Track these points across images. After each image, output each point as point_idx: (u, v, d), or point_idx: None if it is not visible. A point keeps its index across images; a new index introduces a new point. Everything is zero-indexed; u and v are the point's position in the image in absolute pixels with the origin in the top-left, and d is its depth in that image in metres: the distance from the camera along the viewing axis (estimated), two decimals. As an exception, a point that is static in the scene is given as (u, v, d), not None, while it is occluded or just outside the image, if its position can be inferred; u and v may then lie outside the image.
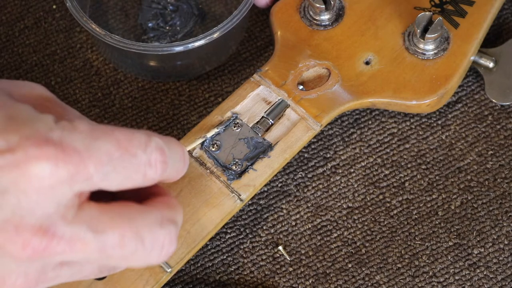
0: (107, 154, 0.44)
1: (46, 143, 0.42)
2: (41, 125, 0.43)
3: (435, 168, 0.64)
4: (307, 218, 0.63)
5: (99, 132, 0.44)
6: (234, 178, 0.58)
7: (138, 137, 0.45)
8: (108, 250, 0.45)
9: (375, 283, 0.60)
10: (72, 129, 0.44)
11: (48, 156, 0.42)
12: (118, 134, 0.45)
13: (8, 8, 0.70)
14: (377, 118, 0.66)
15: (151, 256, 0.47)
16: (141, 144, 0.45)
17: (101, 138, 0.44)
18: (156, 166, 0.46)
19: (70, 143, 0.43)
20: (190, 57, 0.65)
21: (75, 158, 0.43)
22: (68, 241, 0.44)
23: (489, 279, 0.60)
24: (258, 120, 0.60)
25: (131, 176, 0.45)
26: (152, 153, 0.46)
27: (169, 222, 0.47)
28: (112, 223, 0.45)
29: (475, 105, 0.66)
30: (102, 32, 0.62)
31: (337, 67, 0.63)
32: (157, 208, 0.47)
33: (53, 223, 0.43)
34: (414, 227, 0.62)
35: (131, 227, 0.45)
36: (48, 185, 0.42)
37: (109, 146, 0.44)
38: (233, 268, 0.61)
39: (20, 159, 0.42)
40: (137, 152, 0.45)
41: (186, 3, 0.69)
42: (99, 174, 0.44)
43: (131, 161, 0.45)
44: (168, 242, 0.47)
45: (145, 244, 0.46)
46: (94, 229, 0.44)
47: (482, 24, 0.64)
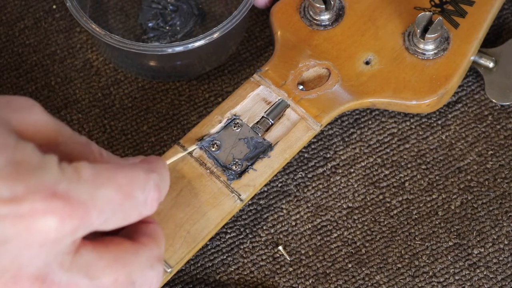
0: (109, 201, 0.44)
1: (53, 197, 0.42)
2: (47, 175, 0.42)
3: (435, 168, 0.64)
4: (307, 218, 0.63)
5: (102, 179, 0.44)
6: (234, 178, 0.58)
7: (137, 178, 0.45)
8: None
9: (375, 283, 0.60)
10: (77, 178, 0.43)
11: (55, 211, 0.41)
12: (120, 178, 0.44)
13: (8, 8, 0.70)
14: (377, 118, 0.66)
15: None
16: (141, 185, 0.45)
17: (104, 185, 0.44)
18: (152, 204, 0.46)
19: (76, 195, 0.42)
20: (190, 57, 0.65)
21: (80, 211, 0.42)
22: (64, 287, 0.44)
23: (489, 279, 0.60)
24: (258, 120, 0.60)
25: (128, 217, 0.45)
26: (150, 193, 0.46)
27: (158, 261, 0.48)
28: (108, 269, 0.45)
29: (475, 105, 0.66)
30: (102, 32, 0.62)
31: (337, 67, 0.63)
32: (148, 248, 0.47)
33: (51, 271, 0.43)
34: (414, 227, 0.62)
35: (124, 271, 0.46)
36: (53, 239, 0.42)
37: (112, 192, 0.44)
38: (233, 268, 0.61)
39: (25, 212, 0.41)
40: (137, 194, 0.45)
41: (186, 3, 0.69)
42: (100, 220, 0.44)
43: (130, 204, 0.45)
44: (156, 281, 0.48)
45: (135, 286, 0.46)
46: (90, 275, 0.44)
47: (482, 24, 0.64)
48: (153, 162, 0.48)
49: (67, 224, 0.42)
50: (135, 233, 0.48)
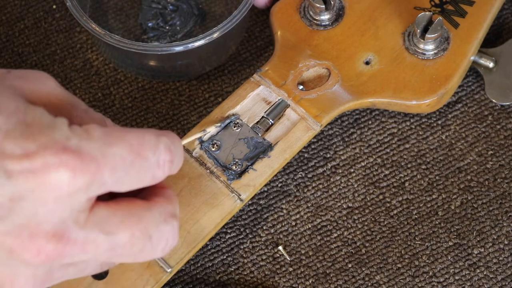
0: (121, 159, 0.44)
1: (64, 151, 0.42)
2: (57, 133, 0.43)
3: (435, 168, 0.64)
4: (307, 218, 0.63)
5: (113, 138, 0.44)
6: (234, 178, 0.58)
7: (148, 139, 0.46)
8: (118, 250, 0.45)
9: (375, 283, 0.60)
10: (87, 136, 0.44)
11: (67, 164, 0.42)
12: (130, 138, 0.45)
13: (8, 8, 0.70)
14: (377, 118, 0.66)
15: (156, 251, 0.47)
16: (151, 146, 0.46)
17: (115, 144, 0.44)
18: (165, 166, 0.47)
19: (87, 151, 0.43)
20: (190, 57, 0.65)
21: (92, 166, 0.43)
22: (81, 245, 0.44)
23: (489, 279, 0.60)
24: (258, 120, 0.60)
25: (141, 178, 0.46)
26: (161, 154, 0.46)
27: (172, 216, 0.48)
28: (122, 224, 0.45)
29: (475, 105, 0.66)
30: (102, 32, 0.62)
31: (337, 67, 0.63)
32: (160, 204, 0.48)
33: (67, 228, 0.43)
34: (414, 227, 0.62)
35: (139, 226, 0.46)
36: (66, 193, 0.42)
37: (123, 151, 0.44)
38: (233, 268, 0.61)
39: (38, 167, 0.42)
40: (148, 155, 0.45)
41: (186, 3, 0.69)
42: (113, 179, 0.44)
43: (142, 164, 0.45)
44: (171, 236, 0.48)
45: (152, 241, 0.47)
46: (106, 231, 0.45)
47: (482, 24, 0.64)
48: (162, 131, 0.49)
49: (80, 178, 0.42)
50: (148, 195, 0.48)
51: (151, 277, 0.55)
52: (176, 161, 0.48)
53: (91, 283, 0.54)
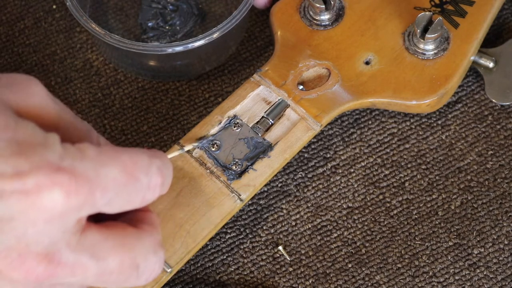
0: (113, 180, 0.44)
1: (58, 171, 0.41)
2: (50, 152, 0.42)
3: (435, 168, 0.64)
4: (307, 218, 0.63)
5: (106, 158, 0.44)
6: (234, 178, 0.58)
7: (141, 160, 0.45)
8: (105, 276, 0.45)
9: (375, 283, 0.60)
10: (81, 155, 0.43)
11: (61, 185, 0.41)
12: (124, 159, 0.44)
13: (8, 8, 0.70)
14: (377, 118, 0.66)
15: (139, 280, 0.47)
16: (144, 168, 0.45)
17: (108, 164, 0.44)
18: (155, 189, 0.46)
19: (81, 171, 0.42)
20: (190, 57, 0.65)
21: (86, 187, 0.42)
22: (71, 268, 0.44)
23: (489, 279, 0.60)
24: (258, 120, 0.60)
25: (131, 200, 0.45)
26: (153, 177, 0.46)
27: (159, 246, 0.48)
28: (113, 251, 0.45)
29: (475, 105, 0.66)
30: (102, 32, 0.62)
31: (337, 67, 0.63)
32: (149, 233, 0.48)
33: (58, 250, 0.43)
34: (414, 227, 0.62)
35: (130, 254, 0.46)
36: (58, 214, 0.42)
37: (116, 172, 0.44)
38: (233, 268, 0.61)
39: (30, 187, 0.41)
40: (140, 176, 0.45)
41: (186, 3, 0.69)
42: (104, 200, 0.43)
43: (134, 186, 0.45)
44: (158, 267, 0.48)
45: (139, 270, 0.47)
46: (96, 256, 0.44)
47: (482, 24, 0.64)
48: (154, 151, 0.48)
49: (73, 199, 0.42)
50: (135, 221, 0.48)
51: (151, 277, 0.55)
52: (166, 184, 0.47)
53: (91, 283, 0.54)
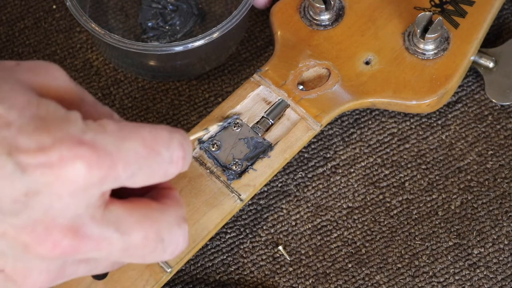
0: (135, 154, 0.44)
1: (80, 145, 0.42)
2: (72, 126, 0.43)
3: (435, 168, 0.64)
4: (307, 218, 0.63)
5: (127, 132, 0.44)
6: (234, 178, 0.58)
7: (162, 135, 0.46)
8: (131, 250, 0.45)
9: (375, 283, 0.60)
10: (102, 130, 0.43)
11: (83, 158, 0.42)
12: (144, 133, 0.45)
13: (8, 8, 0.70)
14: (377, 118, 0.66)
15: (165, 254, 0.47)
16: (165, 142, 0.46)
17: (129, 138, 0.44)
18: (178, 163, 0.46)
19: (102, 145, 0.43)
20: (189, 57, 0.65)
21: (107, 160, 0.43)
22: (96, 241, 0.44)
23: (489, 279, 0.60)
24: (258, 120, 0.60)
25: (154, 174, 0.46)
26: (175, 150, 0.46)
27: (184, 221, 0.48)
28: (138, 225, 0.45)
29: (475, 105, 0.66)
30: (102, 32, 0.62)
31: (337, 67, 0.63)
32: (173, 208, 0.48)
33: (83, 223, 0.43)
34: (414, 227, 0.62)
35: (154, 228, 0.46)
36: (82, 187, 0.42)
37: (137, 145, 0.44)
38: (233, 268, 0.61)
39: (54, 161, 0.41)
40: (162, 150, 0.45)
41: (186, 3, 0.69)
42: (126, 173, 0.44)
43: (155, 160, 0.45)
44: (182, 240, 0.48)
45: (164, 243, 0.47)
46: (121, 230, 0.45)
47: (482, 24, 0.64)
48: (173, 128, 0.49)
49: (95, 172, 0.42)
50: (159, 197, 0.48)
51: (151, 277, 0.55)
52: (187, 159, 0.47)
53: (91, 283, 0.54)
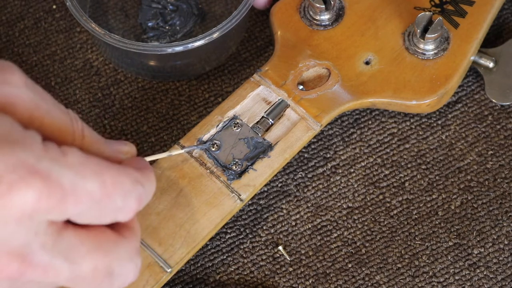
0: (88, 195, 0.43)
1: (32, 174, 0.41)
2: (27, 152, 0.41)
3: (435, 168, 0.64)
4: (307, 218, 0.63)
5: (88, 170, 0.43)
6: (234, 178, 0.58)
7: (123, 184, 0.45)
8: (78, 280, 0.45)
9: (375, 283, 0.60)
10: (61, 160, 0.42)
11: (34, 188, 0.41)
12: (106, 177, 0.44)
13: (8, 8, 0.70)
14: (377, 118, 0.66)
15: (113, 286, 0.47)
16: (124, 192, 0.45)
17: (88, 177, 0.43)
18: (128, 213, 0.46)
19: (56, 177, 0.42)
20: (189, 57, 0.65)
21: (58, 194, 0.42)
22: (43, 269, 0.43)
23: (489, 279, 0.60)
24: (258, 120, 0.60)
25: (101, 217, 0.45)
26: (129, 202, 0.45)
27: (136, 254, 0.48)
28: (88, 256, 0.45)
29: (475, 105, 0.66)
30: (102, 32, 0.62)
31: (337, 67, 0.63)
32: (128, 240, 0.47)
33: (31, 250, 0.43)
34: (414, 227, 0.62)
35: (105, 261, 0.45)
36: (28, 215, 0.41)
37: (94, 187, 0.43)
38: (233, 268, 0.61)
39: (2, 191, 0.40)
40: (117, 199, 0.45)
41: (186, 3, 0.69)
42: (75, 211, 0.43)
43: (107, 205, 0.44)
44: (132, 275, 0.48)
45: (112, 277, 0.46)
46: (70, 259, 0.44)
47: (482, 24, 0.64)
48: (143, 170, 0.47)
49: (43, 203, 0.41)
50: (116, 224, 0.47)
51: (151, 277, 0.55)
52: (141, 208, 0.47)
53: (91, 283, 0.54)
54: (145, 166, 0.48)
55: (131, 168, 0.47)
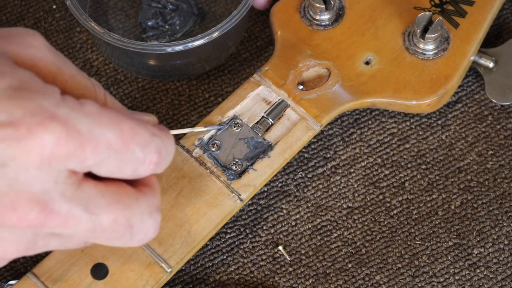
0: (107, 143, 0.44)
1: (51, 119, 0.42)
2: (47, 99, 0.42)
3: (435, 168, 0.64)
4: (307, 218, 0.63)
5: (105, 119, 0.44)
6: (234, 178, 0.58)
7: (141, 134, 0.45)
8: (97, 231, 0.45)
9: (375, 283, 0.60)
10: (79, 109, 0.43)
11: (52, 132, 0.42)
12: (124, 126, 0.45)
13: (8, 8, 0.70)
14: (377, 118, 0.66)
15: (133, 241, 0.47)
16: (142, 143, 0.45)
17: (106, 125, 0.44)
18: (149, 166, 0.46)
19: (74, 123, 0.42)
20: (189, 57, 0.65)
21: (77, 139, 0.42)
22: (63, 218, 0.44)
23: (489, 279, 0.60)
24: (258, 120, 0.60)
25: (122, 169, 0.45)
26: (149, 154, 0.46)
27: (157, 211, 0.48)
28: (108, 207, 0.45)
29: (475, 105, 0.66)
30: (101, 31, 0.62)
31: (337, 67, 0.63)
32: (148, 196, 0.47)
33: (51, 198, 0.43)
34: (414, 227, 0.62)
35: (124, 213, 0.46)
36: (47, 160, 0.42)
37: (111, 136, 0.44)
38: (233, 268, 0.61)
39: (22, 135, 0.41)
40: (136, 149, 0.45)
41: (186, 3, 0.69)
42: (94, 159, 0.43)
43: (127, 156, 0.45)
44: (152, 230, 0.48)
45: (133, 230, 0.47)
46: (90, 211, 0.44)
47: (482, 24, 0.64)
48: (162, 130, 0.48)
49: (62, 147, 0.42)
50: (137, 182, 0.48)
51: (151, 277, 0.55)
52: (162, 165, 0.47)
53: (91, 283, 0.54)
54: (162, 127, 0.49)
55: (149, 124, 0.47)
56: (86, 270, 0.55)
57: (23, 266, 0.61)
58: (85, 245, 0.49)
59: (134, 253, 0.55)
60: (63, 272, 0.54)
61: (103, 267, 0.55)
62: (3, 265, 0.47)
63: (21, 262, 0.61)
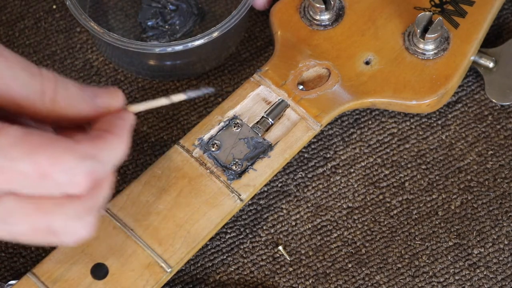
0: (21, 173, 0.43)
1: None
2: None
3: (435, 168, 0.64)
4: (307, 218, 0.63)
5: (19, 152, 0.43)
6: (234, 178, 0.58)
7: (64, 160, 0.44)
8: (17, 236, 0.45)
9: (375, 283, 0.60)
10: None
11: None
12: (41, 157, 0.44)
13: (8, 8, 0.70)
14: (377, 118, 0.66)
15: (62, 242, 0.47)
16: (66, 168, 0.44)
17: (19, 159, 0.43)
18: (79, 188, 0.45)
19: None
20: (189, 57, 0.65)
21: None
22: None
23: (489, 279, 0.60)
24: (258, 120, 0.60)
25: (46, 192, 0.45)
26: (76, 177, 0.45)
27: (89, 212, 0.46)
28: (24, 218, 0.45)
29: (475, 105, 0.66)
30: (101, 31, 0.62)
31: (337, 67, 0.63)
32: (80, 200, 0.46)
33: None
34: (414, 227, 0.62)
35: (44, 220, 0.45)
36: None
37: (26, 167, 0.43)
38: (233, 268, 0.61)
39: None
40: (58, 175, 0.44)
41: (186, 3, 0.69)
42: (9, 187, 0.44)
43: (47, 183, 0.44)
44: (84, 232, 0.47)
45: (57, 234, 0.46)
46: (6, 223, 0.45)
47: (482, 24, 0.64)
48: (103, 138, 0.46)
49: None
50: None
51: (151, 277, 0.55)
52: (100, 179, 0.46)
53: (91, 283, 0.54)
54: (110, 130, 0.47)
55: (82, 142, 0.46)
56: (86, 270, 0.55)
57: (23, 266, 0.61)
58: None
59: (134, 253, 0.55)
60: (63, 272, 0.54)
61: (103, 267, 0.55)
62: None
63: (21, 262, 0.61)
